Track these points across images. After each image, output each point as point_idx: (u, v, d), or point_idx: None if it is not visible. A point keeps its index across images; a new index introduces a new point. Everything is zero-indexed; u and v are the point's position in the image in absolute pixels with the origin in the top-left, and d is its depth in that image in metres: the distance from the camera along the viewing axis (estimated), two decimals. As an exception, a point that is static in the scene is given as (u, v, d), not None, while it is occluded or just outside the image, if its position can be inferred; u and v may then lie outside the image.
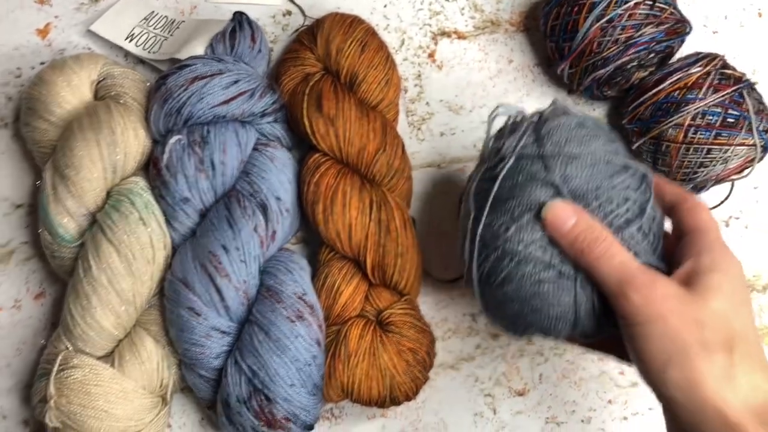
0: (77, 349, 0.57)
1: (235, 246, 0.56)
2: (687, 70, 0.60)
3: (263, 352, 0.54)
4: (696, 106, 0.58)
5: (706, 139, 0.59)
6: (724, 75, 0.60)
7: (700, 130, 0.58)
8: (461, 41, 0.70)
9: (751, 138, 0.59)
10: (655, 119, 0.60)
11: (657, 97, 0.60)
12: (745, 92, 0.59)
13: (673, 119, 0.59)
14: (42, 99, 0.61)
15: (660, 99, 0.60)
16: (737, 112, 0.59)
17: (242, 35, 0.62)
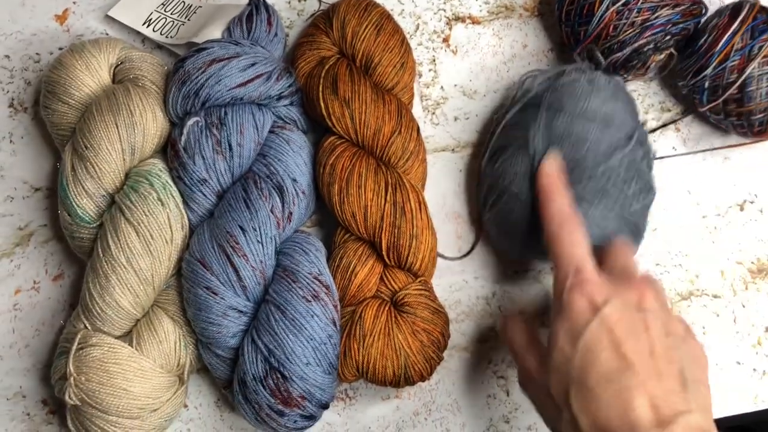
0: (96, 328, 0.58)
1: (252, 227, 0.57)
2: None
3: (279, 331, 0.54)
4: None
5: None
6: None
7: None
8: (476, 26, 0.71)
9: None
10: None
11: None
12: None
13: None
14: (61, 82, 0.62)
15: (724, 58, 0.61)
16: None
17: (259, 19, 0.63)
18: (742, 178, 0.67)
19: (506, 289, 0.65)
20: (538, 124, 0.58)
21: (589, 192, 0.55)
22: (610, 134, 0.56)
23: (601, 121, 0.57)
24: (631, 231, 0.57)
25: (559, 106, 0.58)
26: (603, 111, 0.57)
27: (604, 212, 0.55)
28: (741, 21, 0.60)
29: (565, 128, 0.56)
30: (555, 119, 0.57)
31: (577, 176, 0.55)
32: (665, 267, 0.66)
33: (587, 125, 0.56)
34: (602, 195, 0.55)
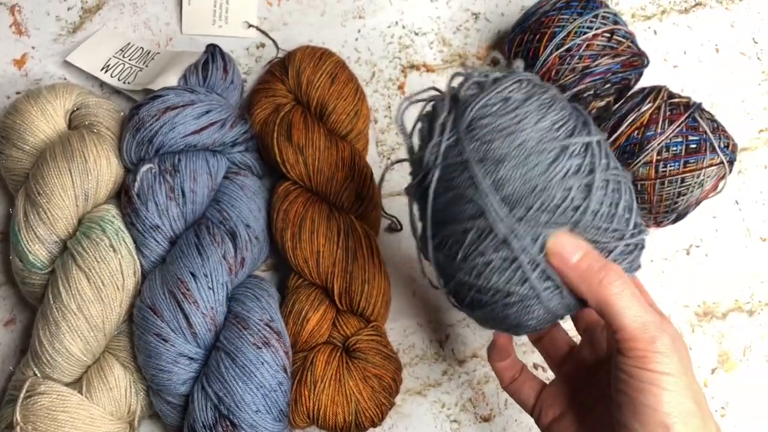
0: (45, 376, 0.57)
1: (204, 273, 0.57)
2: (639, 110, 0.62)
3: (229, 378, 0.54)
4: (658, 142, 0.60)
5: (677, 169, 0.60)
6: (673, 104, 0.62)
7: (669, 162, 0.60)
8: (430, 74, 0.72)
9: (717, 156, 0.60)
10: (623, 161, 0.62)
11: (618, 142, 0.62)
12: (697, 115, 0.61)
13: (641, 159, 0.61)
14: (16, 128, 0.62)
15: (622, 143, 0.62)
16: (696, 137, 0.61)
17: (215, 67, 0.64)
18: (688, 224, 0.69)
19: (459, 332, 0.66)
20: (484, 193, 0.43)
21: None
22: (574, 159, 0.44)
23: (555, 149, 0.44)
24: (634, 261, 0.47)
25: (494, 157, 0.44)
26: (545, 133, 0.44)
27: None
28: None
29: (522, 182, 0.43)
30: (499, 174, 0.43)
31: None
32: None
33: (542, 163, 0.43)
34: (596, 245, 0.45)
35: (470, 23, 0.74)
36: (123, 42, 0.70)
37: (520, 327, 0.46)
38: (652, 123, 0.61)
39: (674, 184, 0.60)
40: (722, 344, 0.67)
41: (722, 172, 0.61)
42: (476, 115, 0.45)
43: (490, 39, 0.73)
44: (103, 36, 0.71)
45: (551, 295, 0.44)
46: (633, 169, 0.61)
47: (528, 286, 0.44)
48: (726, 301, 0.68)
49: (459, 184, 0.44)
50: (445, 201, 0.46)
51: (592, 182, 0.44)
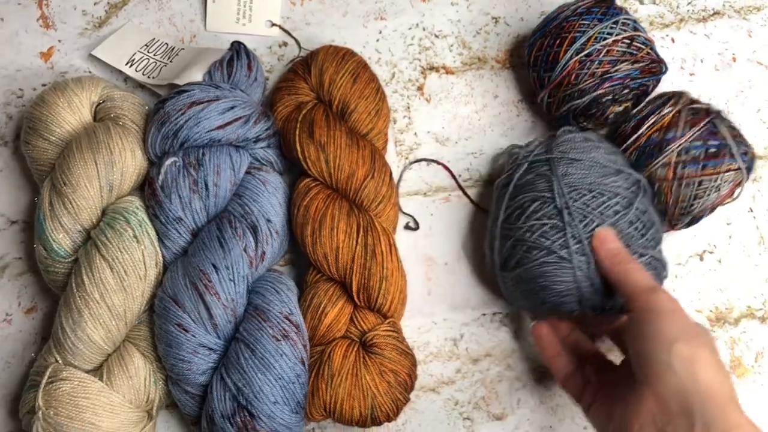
0: (66, 362, 0.58)
1: (225, 265, 0.58)
2: (659, 112, 0.63)
3: (248, 369, 0.55)
4: (678, 144, 0.61)
5: (695, 171, 0.61)
6: (694, 110, 0.63)
7: (688, 165, 0.61)
8: (449, 76, 0.73)
9: (735, 163, 0.61)
10: (642, 163, 0.63)
11: (638, 143, 0.63)
12: (717, 122, 0.62)
13: (660, 160, 0.62)
14: (43, 119, 0.63)
15: (642, 143, 0.63)
16: (716, 141, 0.62)
17: (239, 64, 0.65)
18: (702, 230, 0.69)
19: (473, 331, 0.67)
20: (556, 175, 0.59)
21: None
22: (623, 182, 0.59)
23: (612, 170, 0.59)
24: (659, 274, 0.60)
25: (568, 159, 0.60)
26: (609, 161, 0.60)
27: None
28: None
29: (583, 177, 0.59)
30: (569, 169, 0.60)
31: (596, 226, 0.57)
32: (628, 313, 0.68)
33: (600, 173, 0.59)
34: (627, 248, 0.57)
35: (490, 27, 0.75)
36: (148, 37, 0.71)
37: (547, 289, 0.58)
38: (673, 126, 0.62)
39: (691, 186, 0.61)
40: (734, 350, 0.67)
41: (739, 178, 0.62)
42: (563, 140, 0.63)
43: (510, 43, 0.74)
44: (128, 31, 0.72)
45: (581, 264, 0.57)
46: (651, 170, 0.62)
47: (567, 252, 0.57)
48: (738, 307, 0.68)
49: (539, 172, 0.61)
50: (524, 182, 0.62)
51: (633, 201, 0.59)
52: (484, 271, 0.68)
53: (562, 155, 0.61)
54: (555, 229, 0.58)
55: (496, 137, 0.72)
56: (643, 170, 0.63)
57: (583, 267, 0.57)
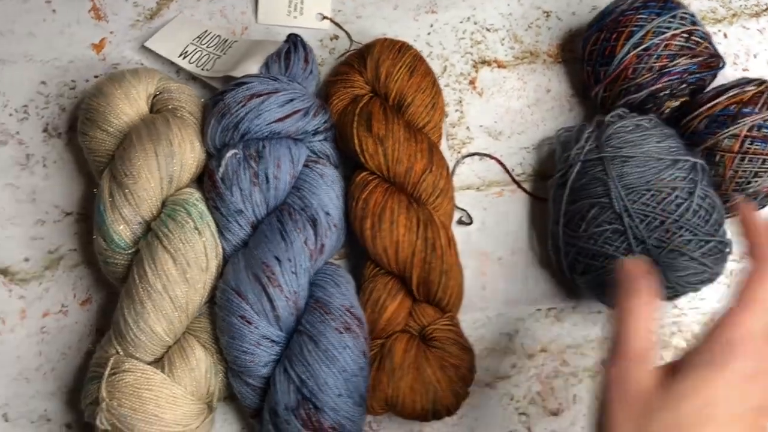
0: (128, 354, 0.58)
1: (287, 257, 0.58)
2: (743, 88, 0.63)
3: (312, 361, 0.55)
4: (753, 119, 0.61)
5: (762, 149, 0.61)
6: (777, 95, 0.63)
7: (756, 141, 0.61)
8: (501, 70, 0.73)
9: None
10: (710, 131, 0.62)
11: (713, 110, 0.63)
12: None
13: (730, 130, 0.61)
14: (101, 110, 0.63)
15: (716, 112, 0.63)
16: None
17: (296, 56, 0.65)
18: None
19: (528, 327, 0.67)
20: (612, 178, 0.59)
21: (675, 238, 0.57)
22: (680, 172, 0.59)
23: (668, 161, 0.59)
24: (724, 257, 0.60)
25: (623, 156, 0.60)
26: (663, 150, 0.60)
27: (689, 260, 0.58)
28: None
29: (639, 176, 0.59)
30: (624, 169, 0.59)
31: (660, 224, 0.58)
32: (682, 309, 0.68)
33: (657, 168, 0.59)
34: (687, 239, 0.57)
35: (541, 21, 0.74)
36: (200, 29, 0.71)
37: None
38: (752, 102, 0.62)
39: (754, 162, 0.61)
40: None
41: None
42: (615, 131, 0.62)
43: (561, 37, 0.74)
44: (180, 23, 0.72)
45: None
46: (719, 138, 0.62)
47: (631, 256, 0.57)
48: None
49: (593, 174, 0.61)
50: (580, 185, 0.62)
51: (694, 189, 0.59)
52: (538, 266, 0.68)
53: (614, 153, 0.60)
54: (617, 233, 0.59)
55: (549, 131, 0.71)
56: (709, 138, 0.62)
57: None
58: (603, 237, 0.59)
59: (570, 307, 0.68)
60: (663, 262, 0.58)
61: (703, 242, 0.58)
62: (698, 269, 0.59)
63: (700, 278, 0.60)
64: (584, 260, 0.61)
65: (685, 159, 0.60)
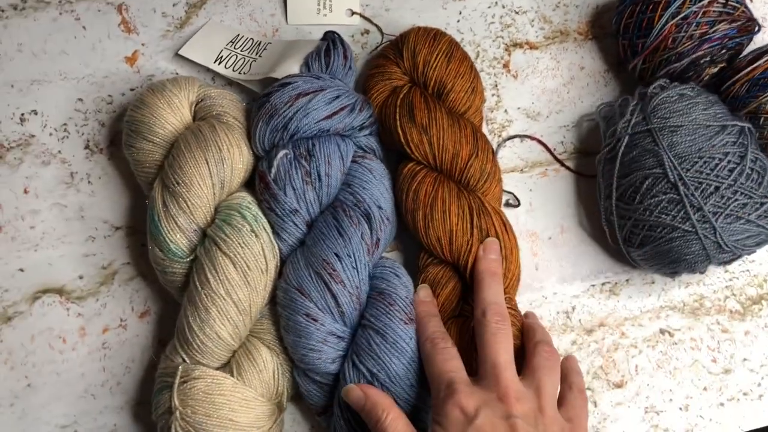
0: (194, 361, 0.59)
1: (347, 253, 0.58)
2: None
3: (382, 354, 0.56)
4: None
5: None
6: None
7: None
8: (533, 51, 0.73)
9: None
10: (752, 94, 0.63)
11: (753, 74, 0.63)
12: None
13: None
14: (145, 121, 0.63)
15: (756, 75, 0.63)
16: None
17: (336, 53, 0.65)
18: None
19: (584, 303, 0.67)
20: (663, 148, 0.60)
21: (730, 203, 0.58)
22: (729, 137, 0.60)
23: (716, 127, 0.60)
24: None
25: (671, 126, 0.61)
26: (710, 117, 0.61)
27: (745, 223, 0.59)
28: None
29: (690, 144, 0.60)
30: (674, 139, 0.60)
31: (714, 190, 0.58)
32: (733, 273, 0.68)
33: (706, 135, 0.60)
34: (743, 202, 0.58)
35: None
36: (232, 34, 0.71)
37: (679, 262, 0.61)
38: None
39: None
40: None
41: None
42: (660, 101, 0.62)
43: (589, 14, 0.74)
44: (211, 29, 0.72)
45: (707, 232, 0.58)
46: (761, 101, 0.63)
47: (690, 224, 0.59)
48: None
49: (643, 146, 0.62)
50: (630, 159, 0.62)
51: (745, 153, 0.60)
52: (589, 242, 0.69)
53: (662, 123, 0.61)
54: (673, 203, 0.59)
55: (587, 108, 0.72)
56: (752, 102, 0.63)
57: (709, 234, 0.59)
58: (659, 207, 0.60)
59: (624, 280, 0.68)
60: (720, 227, 0.58)
61: (758, 204, 0.59)
62: (755, 231, 0.59)
63: (756, 240, 0.60)
64: (641, 232, 0.61)
65: (733, 124, 0.61)
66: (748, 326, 0.67)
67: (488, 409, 0.50)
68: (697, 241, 0.59)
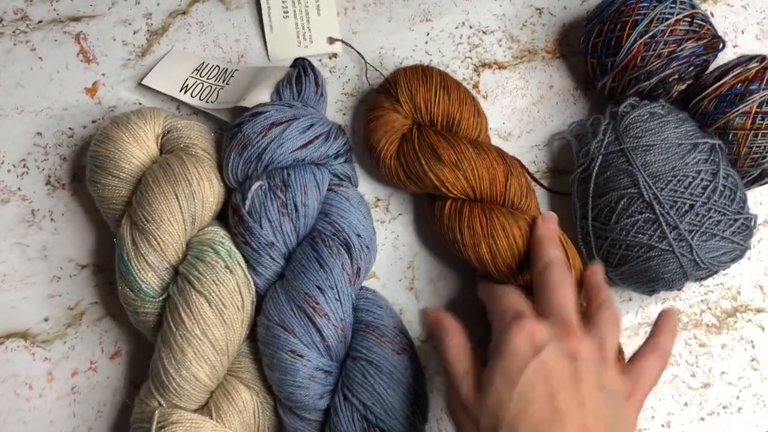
0: (171, 405, 0.56)
1: (329, 285, 0.57)
2: (746, 65, 0.64)
3: (377, 386, 0.54)
4: (761, 95, 0.62)
5: None
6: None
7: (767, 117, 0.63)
8: (502, 71, 0.73)
9: None
10: (720, 110, 0.64)
11: (720, 90, 0.64)
12: None
13: (740, 108, 0.62)
14: (110, 156, 0.61)
15: (723, 92, 0.64)
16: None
17: (307, 80, 0.63)
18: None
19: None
20: (637, 168, 0.60)
21: (705, 220, 0.59)
22: (701, 154, 0.60)
23: (688, 145, 0.61)
24: (750, 235, 0.62)
25: (644, 145, 0.61)
26: (682, 135, 0.61)
27: (720, 240, 0.59)
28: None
29: (664, 163, 0.60)
30: (647, 158, 0.60)
31: (689, 208, 0.59)
32: (708, 287, 0.69)
33: (679, 154, 0.60)
34: (717, 219, 0.59)
35: (535, 18, 0.75)
36: (197, 61, 0.69)
37: (657, 281, 0.61)
38: (758, 78, 0.63)
39: (767, 138, 0.63)
40: (815, 310, 0.69)
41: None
42: (632, 121, 0.63)
43: (556, 33, 0.75)
44: (175, 57, 0.70)
45: (683, 251, 0.59)
46: (729, 117, 0.63)
47: (666, 243, 0.59)
48: (814, 269, 0.70)
49: (616, 165, 0.62)
50: (604, 179, 0.62)
51: (717, 170, 0.60)
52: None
53: (635, 143, 0.61)
54: (649, 222, 0.59)
55: (558, 126, 0.72)
56: (720, 118, 0.64)
57: (686, 252, 0.59)
58: (636, 227, 0.60)
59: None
60: (696, 245, 0.59)
61: (732, 220, 0.59)
62: (729, 247, 0.60)
63: (731, 256, 0.61)
64: (619, 252, 0.61)
65: (704, 141, 0.61)
66: (725, 339, 0.68)
67: (555, 345, 0.47)
68: (674, 260, 0.59)
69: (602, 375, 0.48)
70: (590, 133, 0.65)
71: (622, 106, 0.65)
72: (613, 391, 0.48)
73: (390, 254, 0.68)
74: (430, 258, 0.68)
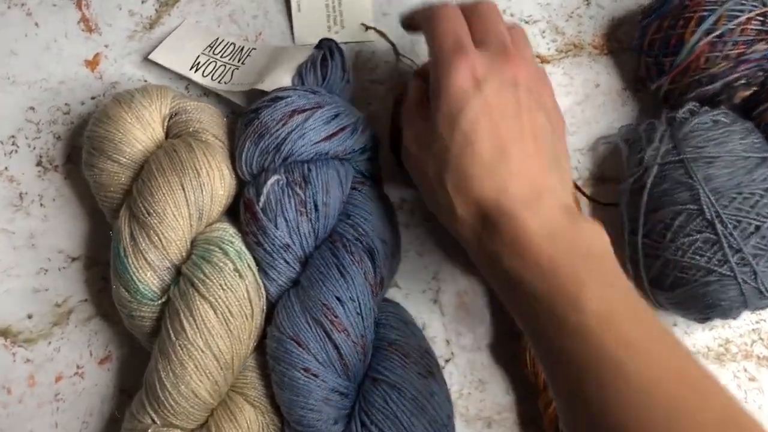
0: (166, 423, 0.50)
1: (350, 297, 0.50)
2: None
3: (399, 413, 0.48)
4: None
5: None
6: None
7: None
8: (545, 65, 0.66)
9: None
10: None
11: None
12: None
13: None
14: (110, 138, 0.54)
15: None
16: None
17: (333, 64, 0.57)
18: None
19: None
20: (699, 182, 0.53)
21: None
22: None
23: (756, 159, 0.54)
24: None
25: (706, 156, 0.54)
26: (748, 147, 0.55)
27: None
28: None
29: (728, 178, 0.53)
30: (710, 171, 0.54)
31: (755, 229, 0.52)
32: (760, 315, 0.63)
33: (745, 168, 0.54)
34: None
35: (582, 9, 0.68)
36: (211, 37, 0.63)
37: (714, 308, 0.54)
38: None
39: None
40: None
41: None
42: (692, 128, 0.56)
43: (605, 26, 0.68)
44: (186, 31, 0.63)
45: (746, 277, 0.52)
46: None
47: (728, 267, 0.52)
48: None
49: (674, 177, 0.55)
50: (660, 191, 0.55)
51: None
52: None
53: (697, 153, 0.55)
54: (708, 243, 0.53)
55: (603, 130, 0.65)
56: None
57: (749, 279, 0.52)
58: (693, 247, 0.53)
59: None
60: (762, 271, 0.52)
61: None
62: None
63: None
64: (672, 273, 0.55)
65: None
66: (777, 373, 0.62)
67: (496, 77, 0.45)
68: (735, 287, 0.53)
69: (537, 93, 0.47)
70: (644, 140, 0.59)
71: (681, 112, 0.58)
72: (546, 107, 0.48)
73: (414, 262, 0.61)
74: (458, 268, 0.61)
